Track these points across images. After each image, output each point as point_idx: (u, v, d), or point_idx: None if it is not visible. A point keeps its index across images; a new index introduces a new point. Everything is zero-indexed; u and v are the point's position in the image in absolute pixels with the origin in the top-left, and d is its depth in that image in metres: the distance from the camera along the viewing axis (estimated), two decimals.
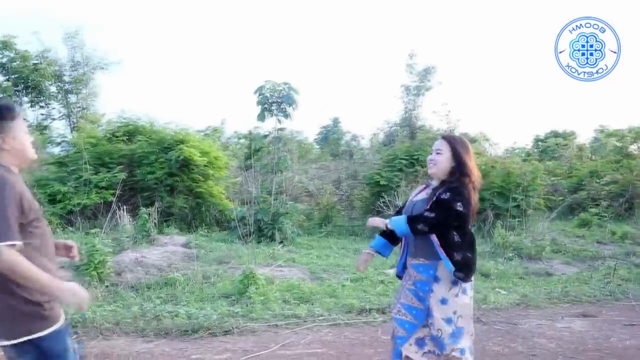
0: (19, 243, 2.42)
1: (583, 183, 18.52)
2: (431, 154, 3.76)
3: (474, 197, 3.63)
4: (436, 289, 3.59)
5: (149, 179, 13.43)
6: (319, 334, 6.07)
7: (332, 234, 13.69)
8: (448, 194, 3.53)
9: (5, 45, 31.01)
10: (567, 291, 8.12)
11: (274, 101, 12.17)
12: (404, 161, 15.02)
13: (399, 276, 3.95)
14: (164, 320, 6.18)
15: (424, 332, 3.67)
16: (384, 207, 12.74)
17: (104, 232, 9.29)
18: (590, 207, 16.02)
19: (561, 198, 16.36)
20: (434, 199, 3.59)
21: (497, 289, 8.21)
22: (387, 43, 59.87)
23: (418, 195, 3.91)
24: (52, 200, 13.10)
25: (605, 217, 14.93)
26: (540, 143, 26.58)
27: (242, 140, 23.94)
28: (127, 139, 14.89)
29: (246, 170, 14.00)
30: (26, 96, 32.95)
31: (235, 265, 9.09)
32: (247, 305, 6.78)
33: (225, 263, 9.31)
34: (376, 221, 3.76)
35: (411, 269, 3.76)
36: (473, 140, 18.63)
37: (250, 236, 10.75)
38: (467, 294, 3.65)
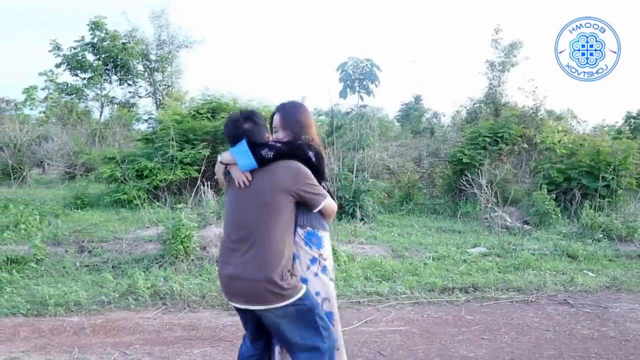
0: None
1: None
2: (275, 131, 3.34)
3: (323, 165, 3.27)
4: (295, 268, 3.15)
5: None
6: (401, 312, 6.06)
7: (413, 212, 13.58)
8: (300, 143, 3.19)
9: (97, 25, 32.26)
10: None
11: (357, 78, 12.08)
12: (487, 139, 14.64)
13: None
14: None
15: None
16: (467, 186, 12.52)
17: (189, 207, 9.54)
18: None
19: None
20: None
21: (584, 271, 7.95)
22: (472, 18, 58.44)
23: None
24: (140, 175, 13.57)
25: None
26: (632, 120, 25.34)
27: (322, 117, 24.02)
28: (210, 116, 15.20)
29: (327, 147, 14.02)
30: (115, 74, 34.25)
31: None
32: None
33: None
34: (219, 168, 3.26)
35: None
36: (559, 118, 17.97)
37: None
38: (327, 274, 3.24)
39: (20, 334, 5.10)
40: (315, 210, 3.13)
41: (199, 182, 10.99)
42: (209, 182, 10.99)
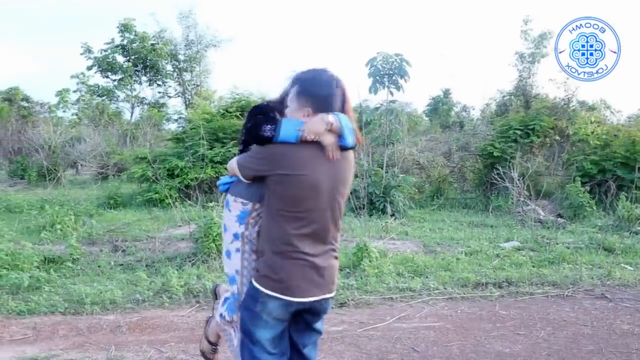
0: None
1: None
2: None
3: None
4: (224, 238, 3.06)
5: None
6: (434, 308, 6.02)
7: (444, 206, 13.48)
8: None
9: (126, 27, 32.67)
10: None
11: (386, 73, 12.03)
12: (518, 131, 14.48)
13: None
14: None
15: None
16: (498, 179, 12.39)
17: (221, 205, 9.58)
18: None
19: None
20: None
21: (622, 265, 7.80)
22: (501, 9, 57.76)
23: None
24: (171, 174, 13.68)
25: None
26: None
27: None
28: (239, 114, 15.26)
29: None
30: (145, 75, 34.64)
31: (348, 238, 9.16)
32: (361, 278, 6.82)
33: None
34: (317, 123, 2.71)
35: None
36: (592, 108, 17.69)
37: (362, 209, 10.78)
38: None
39: (59, 332, 5.19)
40: None
41: None
42: None
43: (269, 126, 2.73)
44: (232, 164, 2.97)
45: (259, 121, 2.80)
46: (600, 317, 5.68)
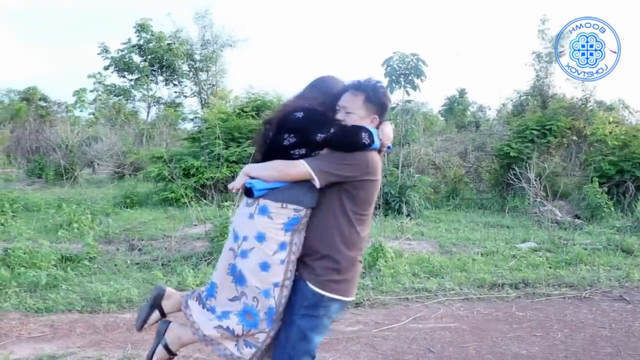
0: None
1: None
2: None
3: None
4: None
5: None
6: (450, 309, 5.99)
7: (460, 207, 13.45)
8: None
9: (143, 27, 32.88)
10: None
11: (402, 73, 12.01)
12: (535, 132, 14.40)
13: None
14: None
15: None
16: (515, 180, 12.31)
17: (236, 204, 9.60)
18: None
19: None
20: None
21: None
22: (518, 9, 57.41)
23: None
24: (187, 174, 13.74)
25: None
26: None
27: None
28: (255, 114, 15.29)
29: None
30: (161, 75, 34.83)
31: None
32: (377, 278, 6.80)
33: None
34: (391, 131, 3.00)
35: None
36: (610, 108, 17.54)
37: (377, 209, 10.76)
38: None
39: (76, 330, 5.21)
40: None
41: None
42: None
43: (366, 133, 2.75)
44: (291, 168, 2.76)
45: (352, 127, 2.78)
46: (618, 319, 5.63)
